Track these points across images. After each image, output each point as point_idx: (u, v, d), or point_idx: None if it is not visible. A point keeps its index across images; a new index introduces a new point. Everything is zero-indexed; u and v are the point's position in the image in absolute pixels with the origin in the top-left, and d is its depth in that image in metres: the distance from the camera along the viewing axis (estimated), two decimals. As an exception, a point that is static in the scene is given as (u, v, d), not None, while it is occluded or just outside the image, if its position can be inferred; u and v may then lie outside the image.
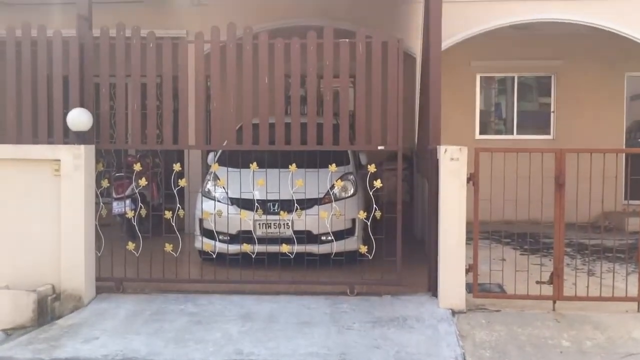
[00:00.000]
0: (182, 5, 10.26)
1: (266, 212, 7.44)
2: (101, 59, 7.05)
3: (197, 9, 10.26)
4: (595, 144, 10.67)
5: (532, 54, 11.87)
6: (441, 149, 6.41)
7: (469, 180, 6.38)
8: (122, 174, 9.26)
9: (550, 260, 7.18)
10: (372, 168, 6.95)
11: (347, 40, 6.87)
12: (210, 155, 8.77)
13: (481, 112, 12.55)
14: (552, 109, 12.24)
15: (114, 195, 9.16)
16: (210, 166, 8.07)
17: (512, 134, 12.38)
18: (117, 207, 9.16)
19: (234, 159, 7.60)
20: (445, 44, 9.07)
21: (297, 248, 7.25)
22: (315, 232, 7.50)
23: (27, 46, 7.04)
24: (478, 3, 9.91)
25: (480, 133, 12.41)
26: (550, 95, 12.38)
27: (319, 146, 6.92)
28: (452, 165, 6.34)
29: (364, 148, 7.35)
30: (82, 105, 6.95)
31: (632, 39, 9.81)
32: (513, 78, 12.42)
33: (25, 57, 7.03)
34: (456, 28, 9.72)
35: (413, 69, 10.17)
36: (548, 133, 12.26)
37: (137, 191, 7.59)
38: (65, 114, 6.85)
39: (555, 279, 6.43)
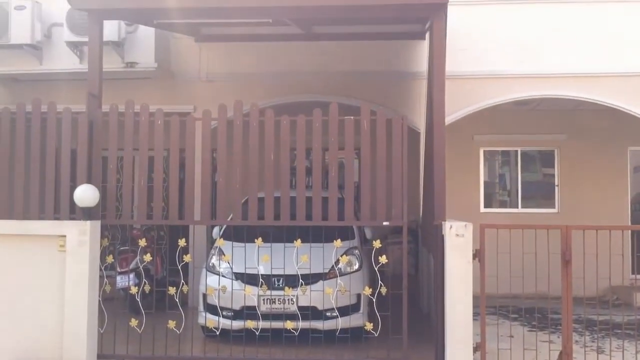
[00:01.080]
0: (190, 81, 10.46)
1: (271, 287, 7.39)
2: (110, 134, 7.16)
3: (204, 84, 10.46)
4: (601, 216, 10.67)
5: (535, 128, 12.00)
6: (446, 225, 6.42)
7: (474, 256, 6.36)
8: (127, 247, 9.25)
9: (558, 337, 7.08)
10: (377, 244, 6.93)
11: (352, 117, 6.97)
12: (216, 229, 8.77)
13: (485, 183, 12.59)
14: (556, 182, 12.27)
15: (118, 269, 9.13)
16: (215, 239, 8.07)
17: (517, 207, 12.37)
18: (120, 281, 9.11)
19: (239, 233, 7.61)
20: (449, 119, 9.23)
21: (302, 324, 7.16)
22: (320, 307, 7.44)
23: (36, 122, 7.15)
24: (480, 80, 10.09)
25: (485, 206, 12.41)
26: (554, 167, 12.43)
27: (324, 222, 6.95)
28: (458, 242, 6.34)
29: (369, 224, 7.36)
30: (89, 180, 7.02)
31: (634, 115, 9.95)
32: (516, 152, 12.50)
33: (35, 132, 7.13)
34: (459, 104, 9.87)
35: (417, 143, 10.28)
36: (553, 206, 12.25)
37: (141, 266, 7.56)
38: (72, 188, 6.92)
39: (565, 358, 6.33)
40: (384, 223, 6.93)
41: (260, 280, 7.31)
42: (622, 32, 10.01)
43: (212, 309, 7.65)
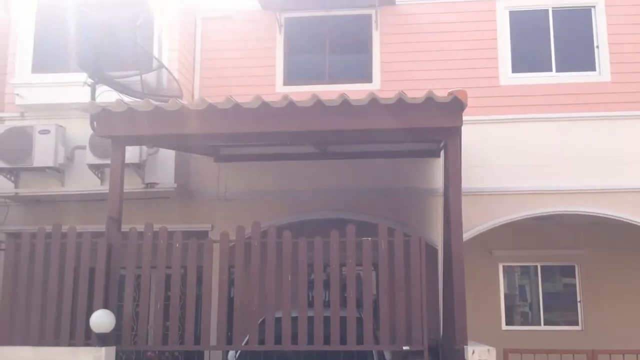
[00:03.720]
0: (208, 200, 10.55)
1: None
2: (128, 257, 7.22)
3: (222, 203, 10.53)
4: (626, 334, 10.37)
5: (554, 243, 11.87)
6: (469, 349, 6.27)
7: (499, 383, 6.16)
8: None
9: None
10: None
11: (369, 238, 6.98)
12: (231, 352, 8.60)
13: (506, 296, 12.32)
14: (578, 299, 12.01)
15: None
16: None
17: (540, 324, 12.04)
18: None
19: (256, 355, 7.47)
20: (466, 235, 9.17)
21: None
22: None
23: (56, 246, 7.23)
24: (496, 196, 10.10)
25: (507, 322, 12.10)
26: (575, 277, 12.20)
27: (343, 346, 6.82)
28: (481, 367, 6.16)
29: (389, 348, 7.21)
30: (106, 302, 7.00)
31: (652, 230, 9.88)
32: (536, 267, 12.34)
33: (54, 257, 7.20)
34: (475, 220, 9.86)
35: (435, 259, 10.17)
36: (576, 323, 11.90)
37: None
38: (89, 307, 6.93)
39: None
40: (404, 347, 6.79)
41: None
42: (636, 148, 10.09)
43: None
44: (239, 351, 8.22)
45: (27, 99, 10.32)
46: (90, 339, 6.84)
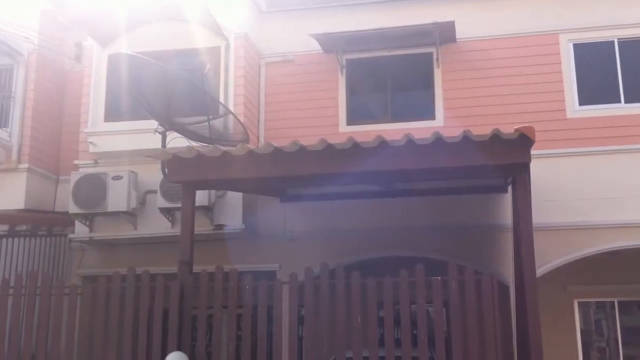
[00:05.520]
0: (275, 240, 10.62)
1: None
2: (200, 300, 7.35)
3: (288, 243, 10.60)
4: None
5: (631, 277, 11.44)
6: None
7: None
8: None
9: None
10: None
11: (439, 278, 6.92)
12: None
13: (582, 332, 11.90)
14: (659, 337, 11.57)
15: None
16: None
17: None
18: None
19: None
20: (538, 271, 8.97)
21: None
22: None
23: (131, 289, 7.43)
24: (569, 231, 9.89)
25: (584, 361, 11.71)
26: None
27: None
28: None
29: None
30: (179, 345, 7.14)
31: None
32: (613, 303, 11.92)
33: (129, 300, 7.39)
34: (547, 255, 9.65)
35: (507, 296, 9.97)
36: (662, 362, 11.44)
37: None
38: (163, 348, 7.10)
39: None
40: (478, 388, 6.65)
41: None
42: None
43: None
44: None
45: (100, 147, 10.65)
46: (165, 381, 6.97)
